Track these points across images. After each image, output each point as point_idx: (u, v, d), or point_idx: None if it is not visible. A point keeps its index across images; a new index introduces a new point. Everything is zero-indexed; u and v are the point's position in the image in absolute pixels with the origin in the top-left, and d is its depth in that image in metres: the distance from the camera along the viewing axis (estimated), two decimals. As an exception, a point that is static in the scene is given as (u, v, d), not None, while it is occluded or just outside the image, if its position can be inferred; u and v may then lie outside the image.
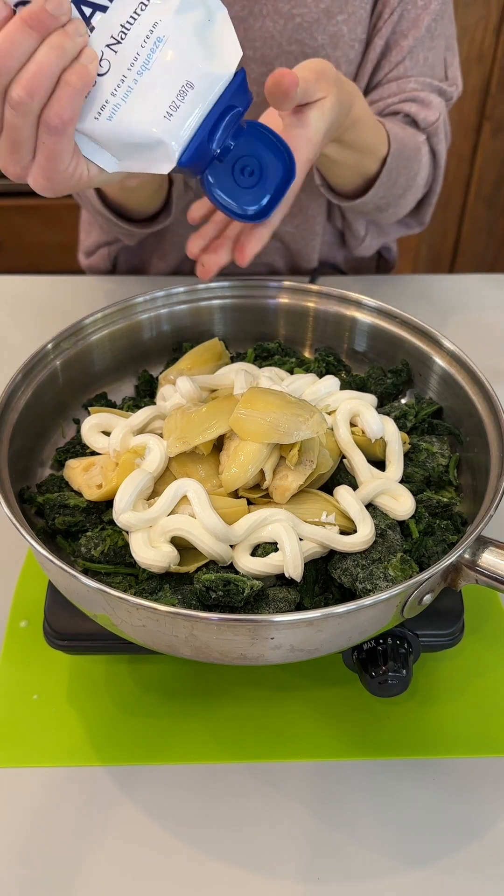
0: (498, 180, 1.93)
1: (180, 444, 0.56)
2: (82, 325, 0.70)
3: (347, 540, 0.54)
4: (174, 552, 0.54)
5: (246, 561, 0.53)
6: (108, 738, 0.58)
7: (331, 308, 0.75)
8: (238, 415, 0.55)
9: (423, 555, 0.56)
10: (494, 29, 1.69)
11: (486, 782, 0.56)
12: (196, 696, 0.61)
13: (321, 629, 0.47)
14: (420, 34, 0.87)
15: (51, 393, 0.66)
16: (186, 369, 0.70)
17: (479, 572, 0.51)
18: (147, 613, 0.46)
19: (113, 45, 0.48)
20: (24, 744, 0.58)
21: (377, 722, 0.59)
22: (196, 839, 0.53)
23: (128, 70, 0.48)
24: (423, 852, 0.53)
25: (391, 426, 0.62)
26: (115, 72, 0.48)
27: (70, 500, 0.60)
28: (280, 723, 0.59)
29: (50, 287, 1.02)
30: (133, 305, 0.73)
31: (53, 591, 0.57)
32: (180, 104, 0.49)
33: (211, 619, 0.45)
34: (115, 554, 0.57)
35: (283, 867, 0.52)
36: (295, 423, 0.54)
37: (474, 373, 0.64)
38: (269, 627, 0.46)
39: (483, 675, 0.62)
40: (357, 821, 0.54)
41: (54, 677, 0.62)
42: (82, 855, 0.52)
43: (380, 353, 0.74)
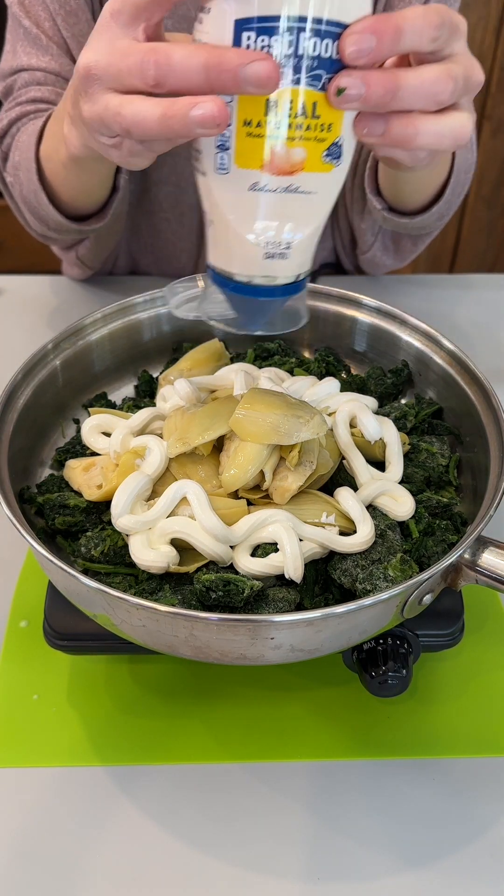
0: (498, 180, 1.93)
1: (180, 445, 0.56)
2: (82, 325, 0.69)
3: (347, 541, 0.54)
4: (173, 552, 0.54)
5: (246, 561, 0.53)
6: (107, 738, 0.58)
7: (331, 308, 0.75)
8: (238, 416, 0.55)
9: (423, 555, 0.56)
10: (494, 29, 1.70)
11: (486, 782, 0.56)
12: (196, 696, 0.61)
13: (321, 629, 0.47)
14: None
15: (51, 393, 0.66)
16: (186, 370, 0.70)
17: (479, 572, 0.51)
18: (147, 613, 0.46)
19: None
20: (24, 744, 0.58)
21: (377, 722, 0.59)
22: (196, 839, 0.53)
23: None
24: (423, 852, 0.53)
25: (390, 427, 0.62)
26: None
27: (70, 501, 0.60)
28: (280, 723, 0.59)
29: (50, 287, 1.02)
30: (133, 305, 0.73)
31: (53, 591, 0.57)
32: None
33: (211, 619, 0.45)
34: (114, 554, 0.57)
35: (283, 867, 0.52)
36: (295, 424, 0.54)
37: (474, 373, 0.64)
38: (269, 627, 0.46)
39: (483, 675, 0.62)
40: (357, 821, 0.54)
41: (54, 677, 0.62)
42: (82, 855, 0.52)
43: (380, 353, 0.74)
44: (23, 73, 0.87)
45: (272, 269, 0.46)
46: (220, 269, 0.48)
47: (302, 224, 0.45)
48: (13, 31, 0.88)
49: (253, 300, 0.48)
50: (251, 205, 0.44)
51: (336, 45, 0.40)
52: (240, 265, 0.46)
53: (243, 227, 0.45)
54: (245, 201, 0.44)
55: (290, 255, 0.46)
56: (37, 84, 0.86)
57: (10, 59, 0.88)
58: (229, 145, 0.42)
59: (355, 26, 0.40)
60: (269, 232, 0.45)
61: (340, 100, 0.41)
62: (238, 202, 0.44)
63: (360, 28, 0.39)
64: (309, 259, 0.48)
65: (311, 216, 0.45)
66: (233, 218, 0.45)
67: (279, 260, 0.46)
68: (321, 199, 0.45)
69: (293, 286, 0.48)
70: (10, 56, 0.89)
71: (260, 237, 0.45)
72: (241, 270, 0.47)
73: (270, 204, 0.43)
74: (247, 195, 0.43)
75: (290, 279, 0.47)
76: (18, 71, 0.87)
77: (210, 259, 0.48)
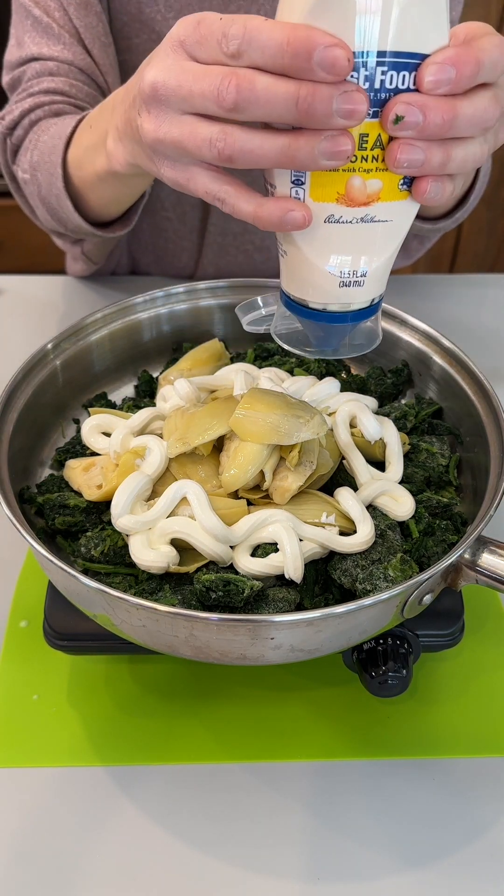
0: (498, 180, 1.92)
1: (180, 445, 0.56)
2: (82, 325, 0.69)
3: (347, 541, 0.54)
4: (173, 552, 0.54)
5: (246, 561, 0.53)
6: (107, 738, 0.58)
7: (331, 308, 0.75)
8: (238, 416, 0.55)
9: (423, 555, 0.56)
10: (494, 29, 1.69)
11: (486, 782, 0.56)
12: (196, 696, 0.61)
13: (321, 629, 0.47)
14: None
15: (51, 393, 0.66)
16: (186, 370, 0.70)
17: (479, 572, 0.51)
18: (147, 613, 0.46)
19: None
20: (24, 744, 0.58)
21: (377, 722, 0.59)
22: (196, 839, 0.53)
23: None
24: (423, 852, 0.53)
25: (390, 428, 0.62)
26: None
27: (70, 501, 0.60)
28: (280, 723, 0.59)
29: (50, 287, 1.02)
30: (133, 305, 0.73)
31: (53, 591, 0.57)
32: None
33: (211, 619, 0.45)
34: (114, 554, 0.57)
35: (283, 867, 0.52)
36: (295, 424, 0.54)
37: (474, 373, 0.64)
38: (269, 627, 0.46)
39: (483, 675, 0.62)
40: (357, 821, 0.54)
41: (54, 677, 0.62)
42: (82, 855, 0.52)
43: (380, 353, 0.73)
44: (33, 64, 0.84)
45: (347, 296, 0.46)
46: (295, 297, 0.48)
47: (377, 252, 0.45)
48: (20, 22, 0.86)
49: (327, 325, 0.48)
50: (326, 237, 0.43)
51: (413, 76, 0.39)
52: (315, 294, 0.47)
53: (319, 258, 0.44)
54: (320, 233, 0.43)
55: (366, 282, 0.46)
56: (49, 74, 0.84)
57: (17, 50, 0.86)
58: (304, 180, 0.42)
59: (436, 56, 0.39)
60: (345, 262, 0.45)
61: (398, 128, 0.40)
62: (313, 235, 0.44)
63: (440, 59, 0.39)
64: (383, 283, 0.48)
65: (386, 244, 0.45)
66: (308, 250, 0.44)
67: (355, 288, 0.46)
68: (397, 227, 0.44)
69: (367, 310, 0.48)
70: (15, 48, 0.86)
71: (336, 268, 0.45)
72: (317, 298, 0.47)
73: (346, 235, 0.43)
74: (322, 227, 0.43)
75: (364, 304, 0.47)
76: (28, 61, 0.85)
77: (284, 286, 0.48)
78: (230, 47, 0.39)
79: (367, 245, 0.44)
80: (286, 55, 0.37)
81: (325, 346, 0.50)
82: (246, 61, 0.39)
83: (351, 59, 0.37)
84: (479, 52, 0.40)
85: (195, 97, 0.41)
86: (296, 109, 0.38)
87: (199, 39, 0.41)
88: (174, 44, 0.43)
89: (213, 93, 0.40)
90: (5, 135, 0.86)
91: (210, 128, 0.42)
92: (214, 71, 0.40)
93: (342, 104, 0.38)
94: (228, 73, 0.39)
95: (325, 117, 0.38)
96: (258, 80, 0.38)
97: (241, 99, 0.39)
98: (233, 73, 0.39)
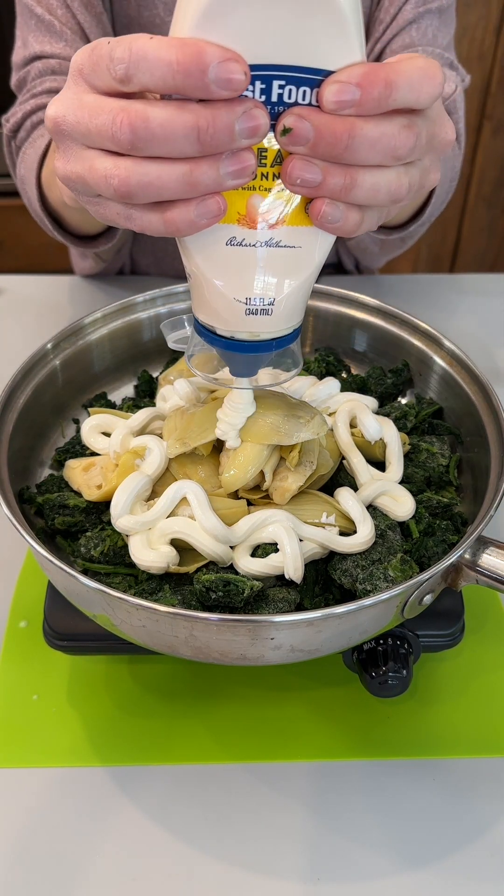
0: (498, 180, 1.92)
1: (180, 446, 0.56)
2: (82, 324, 0.69)
3: (347, 541, 0.54)
4: (172, 552, 0.54)
5: (246, 562, 0.53)
6: (107, 739, 0.58)
7: (331, 308, 0.75)
8: (238, 415, 0.55)
9: (424, 555, 0.56)
10: (494, 29, 1.69)
11: (486, 782, 0.56)
12: (196, 696, 0.61)
13: (321, 629, 0.47)
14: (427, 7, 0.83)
15: (50, 393, 0.66)
16: (186, 370, 0.70)
17: (479, 572, 0.51)
18: (147, 614, 0.46)
19: None
20: (24, 744, 0.58)
21: (377, 722, 0.59)
22: (196, 839, 0.53)
23: None
24: (423, 852, 0.53)
25: (391, 428, 0.62)
26: None
27: (70, 501, 0.60)
28: (280, 723, 0.59)
29: (50, 287, 1.02)
30: (133, 305, 0.73)
31: (53, 592, 0.57)
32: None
33: (211, 620, 0.45)
34: (114, 554, 0.57)
35: (283, 867, 0.52)
36: (296, 424, 0.54)
37: (474, 373, 0.64)
38: (269, 628, 0.46)
39: (483, 675, 0.62)
40: (357, 821, 0.54)
41: (54, 677, 0.62)
42: (82, 855, 0.52)
43: (380, 353, 0.74)
44: (36, 63, 0.84)
45: (255, 325, 0.43)
46: (204, 322, 0.45)
47: (285, 280, 0.42)
48: (24, 23, 0.86)
49: (237, 355, 0.45)
50: (229, 261, 0.40)
51: (315, 93, 0.36)
52: (221, 321, 0.44)
53: (221, 282, 0.41)
54: (222, 257, 0.40)
55: (274, 311, 0.43)
56: (52, 73, 0.84)
57: (22, 50, 0.86)
58: None
59: (340, 74, 0.36)
60: (250, 290, 0.41)
61: (287, 141, 0.37)
62: (215, 257, 0.41)
63: (345, 76, 0.35)
64: (298, 313, 0.45)
65: (295, 272, 0.42)
66: (210, 274, 0.41)
67: (263, 317, 0.43)
68: (306, 255, 0.41)
69: (280, 340, 0.45)
70: (21, 48, 0.86)
71: (240, 293, 0.42)
72: (223, 326, 0.44)
73: (249, 260, 0.40)
74: (224, 251, 0.40)
75: (276, 335, 0.44)
76: (32, 60, 0.85)
77: (193, 309, 0.46)
78: (118, 72, 0.35)
79: (272, 272, 0.41)
80: (177, 76, 0.34)
81: (239, 373, 0.48)
82: (136, 86, 0.35)
83: (247, 72, 0.34)
84: (392, 73, 0.36)
85: (93, 135, 0.38)
86: (198, 143, 0.35)
87: (92, 66, 0.37)
88: (74, 74, 0.39)
89: (107, 132, 0.36)
90: (10, 137, 0.86)
91: (105, 162, 0.38)
92: (107, 107, 0.37)
93: (244, 124, 0.35)
94: (119, 111, 0.36)
95: (229, 143, 0.35)
96: (152, 116, 0.35)
97: (136, 139, 0.36)
98: (123, 109, 0.36)
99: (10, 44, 0.89)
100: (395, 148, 0.38)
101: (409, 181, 0.40)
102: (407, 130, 0.38)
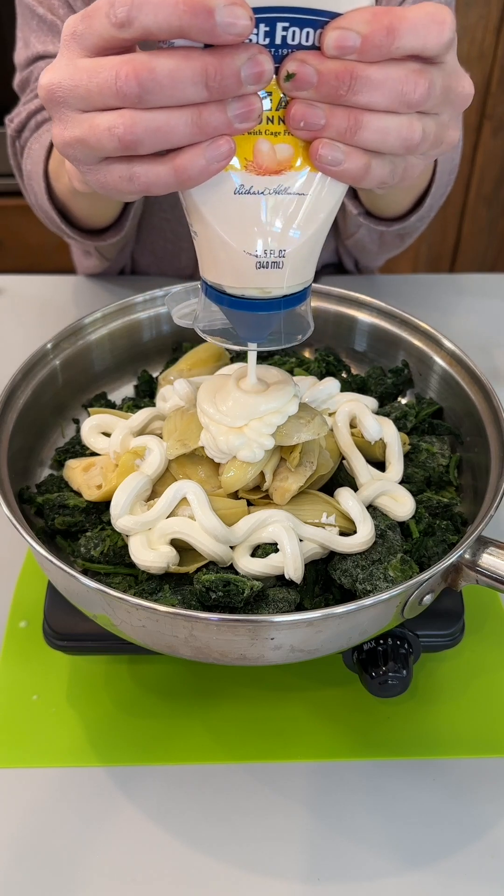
0: (498, 180, 1.92)
1: (180, 446, 0.56)
2: (82, 324, 0.69)
3: (347, 541, 0.54)
4: (172, 552, 0.54)
5: (246, 562, 0.53)
6: (107, 739, 0.58)
7: (331, 308, 0.75)
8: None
9: (424, 555, 0.56)
10: (494, 28, 1.69)
11: (486, 782, 0.56)
12: (196, 696, 0.61)
13: (321, 630, 0.47)
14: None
15: (50, 393, 0.66)
16: (186, 370, 0.70)
17: (479, 572, 0.51)
18: (147, 614, 0.46)
19: None
20: (24, 744, 0.58)
21: (377, 722, 0.59)
22: (196, 839, 0.53)
23: None
24: (423, 852, 0.53)
25: (391, 428, 0.62)
26: None
27: (69, 501, 0.60)
28: (280, 723, 0.59)
29: (50, 287, 1.02)
30: (133, 305, 0.73)
31: (53, 592, 0.57)
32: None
33: (211, 620, 0.45)
34: (114, 554, 0.57)
35: (283, 867, 0.52)
36: (296, 425, 0.54)
37: (474, 373, 0.64)
38: (268, 628, 0.46)
39: (483, 675, 0.62)
40: (357, 821, 0.54)
41: (54, 677, 0.62)
42: (82, 855, 0.52)
43: (380, 353, 0.74)
44: (39, 63, 0.84)
45: (266, 280, 0.43)
46: (212, 282, 0.44)
47: (295, 230, 0.41)
48: (25, 24, 0.86)
49: (248, 314, 0.44)
50: (236, 210, 0.40)
51: (319, 34, 0.36)
52: (231, 277, 0.43)
53: (230, 235, 0.41)
54: (229, 206, 0.40)
55: (285, 264, 0.42)
56: None
57: (24, 51, 0.86)
58: None
59: (342, 19, 0.35)
60: (259, 239, 0.41)
61: (290, 86, 0.37)
62: (222, 208, 0.40)
63: (346, 21, 0.35)
64: (309, 269, 0.44)
65: (305, 221, 0.41)
66: (218, 226, 0.41)
67: (273, 270, 0.42)
68: (315, 203, 0.41)
69: (292, 298, 0.44)
70: (23, 49, 0.86)
71: (249, 246, 0.41)
72: (233, 283, 0.43)
73: (258, 208, 0.40)
74: (231, 199, 0.40)
75: (287, 291, 0.44)
76: (35, 60, 0.85)
77: (201, 271, 0.45)
78: (118, 15, 0.35)
79: (281, 221, 0.41)
80: (183, 16, 0.33)
81: (250, 337, 0.47)
82: (138, 29, 0.35)
83: (252, 16, 0.34)
84: (396, 19, 0.35)
85: (93, 95, 0.37)
86: (206, 89, 0.35)
87: (86, 24, 0.37)
88: (67, 39, 0.39)
89: (111, 88, 0.36)
90: (14, 137, 0.86)
91: (107, 116, 0.37)
92: (108, 64, 0.36)
93: (249, 70, 0.35)
94: (122, 64, 0.35)
95: (236, 88, 0.35)
96: (158, 66, 0.35)
97: (143, 90, 0.35)
98: (126, 62, 0.35)
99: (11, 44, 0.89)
100: (403, 93, 0.37)
101: (424, 129, 0.39)
102: (417, 76, 0.37)
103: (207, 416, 0.53)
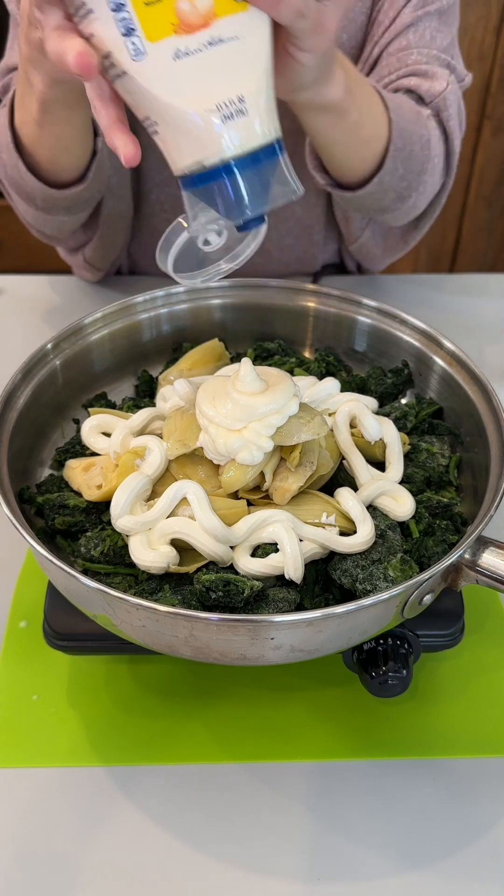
0: (498, 180, 1.92)
1: (180, 446, 0.56)
2: (82, 324, 0.69)
3: (347, 541, 0.54)
4: (172, 552, 0.54)
5: (246, 562, 0.53)
6: (107, 739, 0.58)
7: (331, 308, 0.75)
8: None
9: (424, 555, 0.56)
10: (494, 29, 1.69)
11: (486, 782, 0.56)
12: (196, 696, 0.61)
13: (321, 629, 0.47)
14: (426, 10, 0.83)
15: (50, 393, 0.66)
16: (186, 370, 0.70)
17: (479, 572, 0.51)
18: (147, 614, 0.46)
19: None
20: (24, 744, 0.58)
21: (377, 722, 0.59)
22: (196, 839, 0.53)
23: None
24: (423, 852, 0.53)
25: (391, 428, 0.62)
26: None
27: (70, 501, 0.60)
28: (280, 723, 0.59)
29: (50, 287, 1.02)
30: (133, 305, 0.73)
31: (53, 592, 0.57)
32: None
33: (211, 620, 0.45)
34: (114, 554, 0.57)
35: (283, 867, 0.52)
36: (296, 425, 0.54)
37: (474, 373, 0.64)
38: (269, 628, 0.46)
39: (483, 675, 0.62)
40: (357, 821, 0.54)
41: (54, 677, 0.62)
42: (82, 855, 0.52)
43: (380, 353, 0.74)
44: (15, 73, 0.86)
45: (236, 131, 0.43)
46: (190, 168, 0.44)
47: (243, 74, 0.43)
48: (12, 29, 0.88)
49: (236, 181, 0.44)
50: (183, 73, 0.42)
51: None
52: (206, 147, 0.43)
53: (186, 101, 0.42)
54: (175, 73, 0.42)
55: (249, 111, 0.43)
56: None
57: (8, 57, 0.88)
58: (134, 26, 0.41)
59: None
60: (216, 93, 0.42)
61: None
62: (169, 79, 0.42)
63: None
64: (274, 119, 0.45)
65: (248, 64, 0.43)
66: (172, 98, 0.42)
67: (240, 119, 0.43)
68: (252, 42, 0.43)
69: (268, 150, 0.44)
70: (8, 54, 0.89)
71: (208, 103, 0.42)
72: (209, 149, 0.43)
73: (202, 65, 0.42)
74: (176, 66, 0.41)
75: (261, 141, 0.44)
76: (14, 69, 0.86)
77: (176, 169, 0.45)
78: None
79: (228, 70, 0.42)
80: None
81: (238, 213, 0.45)
82: None
83: None
84: None
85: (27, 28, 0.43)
86: None
87: None
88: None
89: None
90: None
91: (36, 32, 0.43)
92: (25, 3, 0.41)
93: None
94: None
95: None
96: None
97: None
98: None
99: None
100: None
101: None
102: None
103: (206, 418, 0.54)
